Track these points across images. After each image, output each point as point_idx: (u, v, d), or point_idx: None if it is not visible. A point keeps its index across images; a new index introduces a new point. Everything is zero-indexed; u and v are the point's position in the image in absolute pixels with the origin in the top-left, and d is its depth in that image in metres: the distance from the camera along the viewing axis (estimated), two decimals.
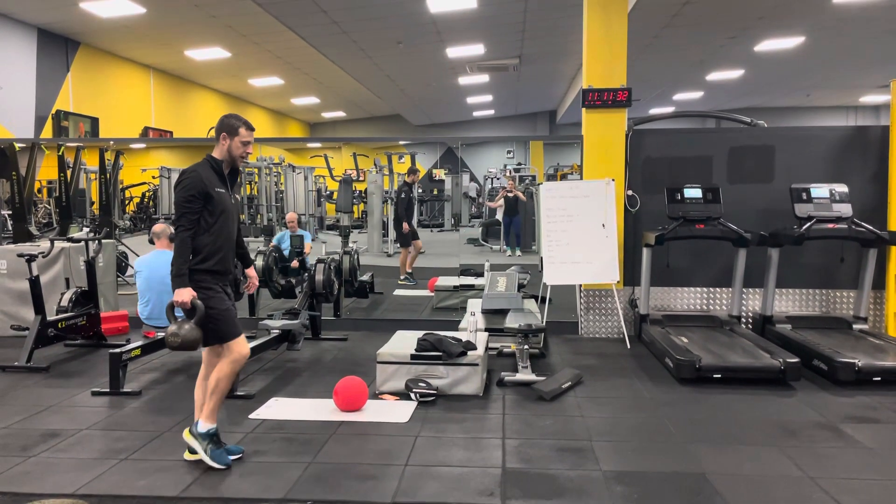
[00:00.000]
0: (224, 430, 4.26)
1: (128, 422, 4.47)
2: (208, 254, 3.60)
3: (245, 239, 15.55)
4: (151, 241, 5.84)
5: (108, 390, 5.00)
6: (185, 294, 3.49)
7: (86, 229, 9.29)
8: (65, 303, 6.27)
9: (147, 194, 17.71)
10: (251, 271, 4.11)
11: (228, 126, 3.73)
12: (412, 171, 10.98)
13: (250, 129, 3.79)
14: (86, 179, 13.84)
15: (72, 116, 12.67)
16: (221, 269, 3.68)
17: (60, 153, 8.79)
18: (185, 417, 4.49)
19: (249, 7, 10.06)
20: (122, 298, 7.95)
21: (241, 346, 3.70)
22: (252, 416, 4.53)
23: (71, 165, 9.55)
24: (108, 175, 9.74)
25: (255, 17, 10.86)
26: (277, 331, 5.91)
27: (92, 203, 13.70)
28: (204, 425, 3.68)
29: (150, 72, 15.43)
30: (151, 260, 5.72)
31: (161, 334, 5.46)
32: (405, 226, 10.18)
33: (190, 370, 5.69)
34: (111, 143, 10.59)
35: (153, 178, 17.36)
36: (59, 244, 6.85)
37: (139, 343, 5.30)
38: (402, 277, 10.09)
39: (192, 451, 3.71)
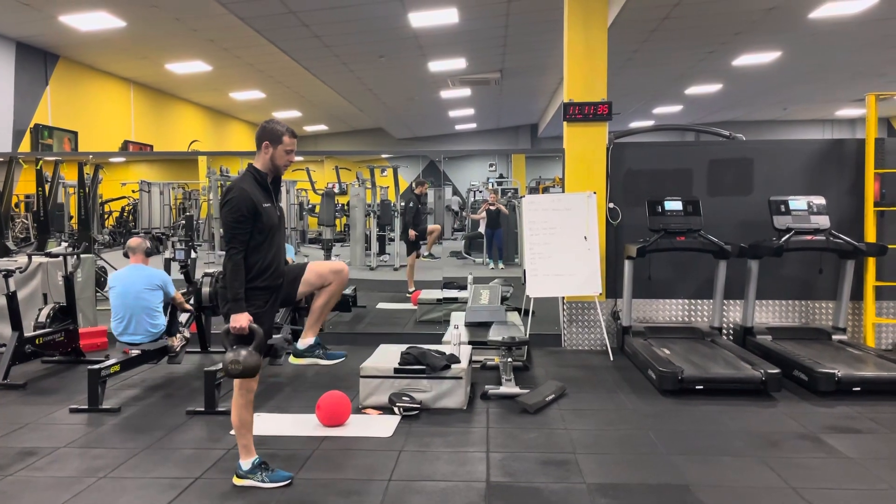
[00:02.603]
0: (204, 446, 4.22)
1: (107, 439, 4.40)
2: (259, 271, 3.49)
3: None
4: (126, 255, 5.70)
5: (86, 407, 4.93)
6: (243, 319, 3.38)
7: (64, 244, 9.19)
8: (42, 318, 6.17)
9: (127, 208, 17.57)
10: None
11: (272, 133, 3.54)
12: (420, 182, 11.11)
13: (293, 136, 3.60)
14: (64, 193, 13.69)
15: (56, 132, 12.55)
16: (273, 284, 3.59)
17: (39, 167, 8.69)
18: (165, 434, 4.43)
19: (231, 21, 10.04)
20: (101, 314, 7.83)
21: (255, 378, 3.58)
22: (233, 432, 4.47)
23: (49, 179, 9.46)
24: (87, 189, 9.63)
25: (236, 31, 10.84)
26: None
27: (70, 217, 13.55)
28: (247, 462, 3.60)
29: (131, 85, 15.33)
30: (126, 275, 5.50)
31: (136, 351, 5.35)
32: (411, 233, 10.38)
33: (169, 387, 5.62)
34: (90, 156, 10.49)
35: (133, 192, 17.24)
36: (36, 259, 6.76)
37: (118, 359, 5.22)
38: (426, 254, 10.13)
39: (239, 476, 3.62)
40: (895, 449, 4.14)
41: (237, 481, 3.60)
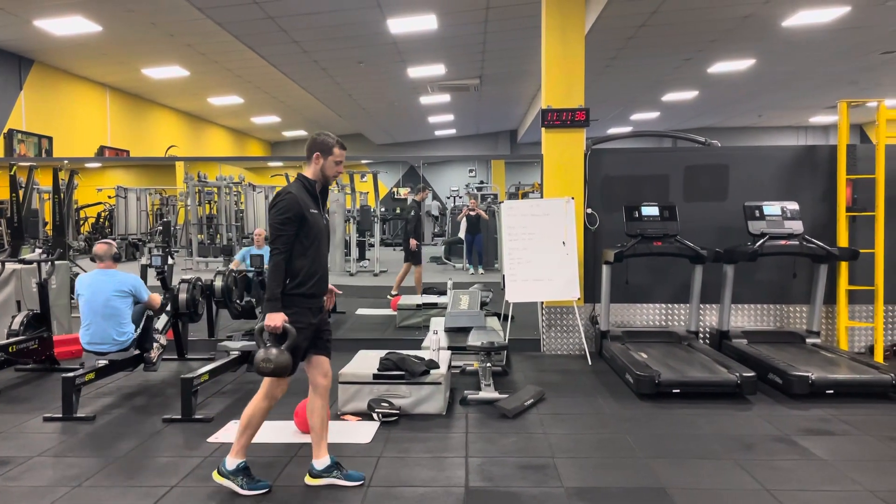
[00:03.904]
0: (181, 454, 4.18)
1: (81, 448, 4.34)
2: (305, 277, 3.51)
3: (204, 258, 15.24)
4: (94, 261, 5.58)
5: (60, 416, 4.86)
6: (278, 318, 3.40)
7: (38, 250, 9.06)
8: (16, 326, 6.08)
9: (103, 214, 17.39)
10: (331, 286, 3.93)
11: (322, 145, 3.63)
12: (420, 189, 11.05)
13: (343, 147, 3.69)
14: (39, 199, 13.53)
15: (31, 137, 12.40)
16: (317, 292, 3.60)
17: (13, 172, 8.58)
18: (140, 442, 4.39)
19: (209, 26, 10.00)
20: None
21: (284, 387, 3.63)
22: (210, 439, 4.44)
23: (23, 185, 9.33)
24: (62, 195, 9.53)
25: (214, 37, 10.79)
26: (237, 352, 5.82)
27: (45, 224, 13.39)
28: (233, 461, 3.59)
29: (107, 90, 15.19)
30: (93, 281, 5.34)
31: (102, 362, 5.24)
32: (413, 242, 10.19)
33: (145, 394, 5.57)
34: (66, 162, 10.37)
35: (109, 197, 17.07)
36: (10, 266, 6.67)
37: (93, 367, 5.16)
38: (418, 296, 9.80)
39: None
40: (868, 451, 4.21)
41: (217, 477, 3.60)
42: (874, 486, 3.62)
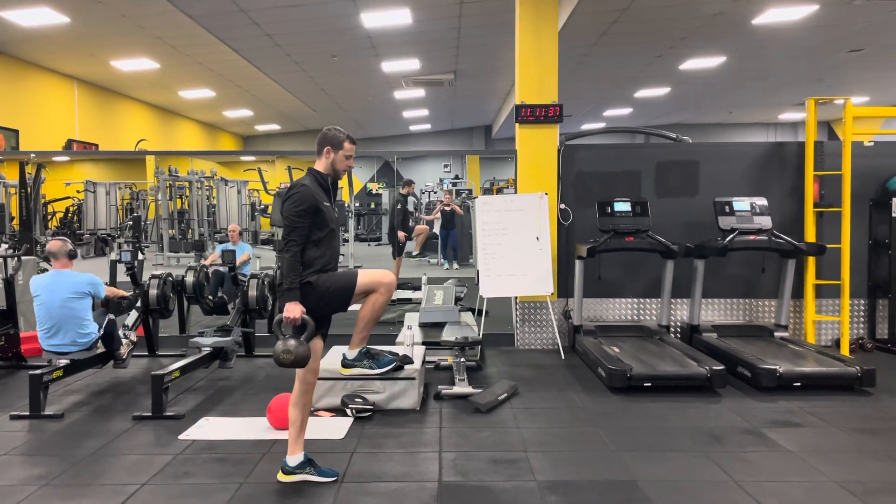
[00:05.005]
0: (152, 452, 4.14)
1: (49, 446, 4.28)
2: (322, 267, 3.54)
3: (175, 254, 15.06)
4: (47, 260, 5.37)
5: (27, 413, 4.78)
6: (296, 310, 3.41)
7: (4, 245, 8.87)
8: None
9: (71, 209, 17.09)
10: None
11: (333, 139, 3.66)
12: (407, 182, 11.11)
13: (353, 142, 3.73)
14: (5, 193, 13.26)
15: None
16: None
17: None
18: (110, 440, 4.33)
19: (179, 19, 9.86)
20: None
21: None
22: (182, 436, 4.40)
23: None
24: (28, 189, 9.34)
25: (185, 29, 10.64)
26: (209, 348, 5.75)
27: (12, 218, 13.12)
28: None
29: (75, 82, 14.91)
30: (50, 283, 5.13)
31: (64, 361, 5.09)
32: (401, 235, 10.33)
33: (115, 392, 5.50)
34: (32, 155, 10.17)
35: (78, 192, 16.78)
36: None
37: (61, 364, 5.07)
38: (415, 253, 10.01)
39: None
40: (833, 442, 4.30)
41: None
42: (839, 477, 3.70)
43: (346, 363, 3.81)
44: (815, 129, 6.84)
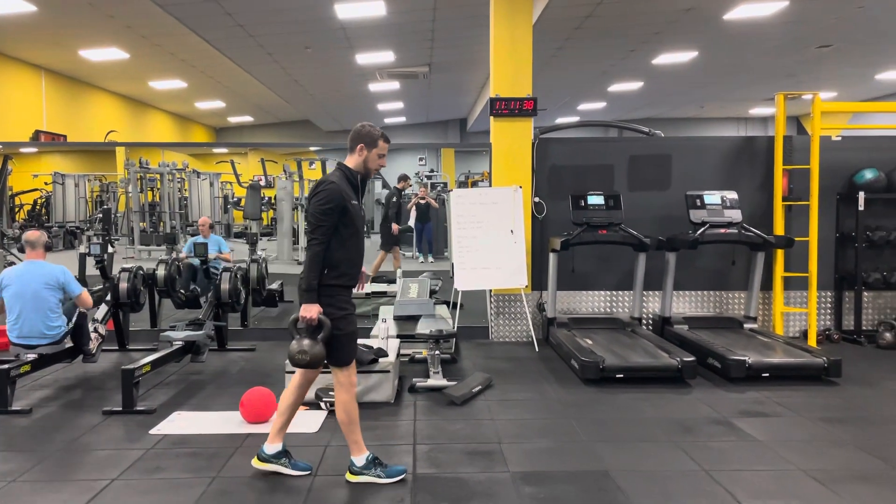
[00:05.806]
0: (122, 447, 4.09)
1: (17, 442, 4.21)
2: (346, 268, 3.44)
3: (146, 247, 14.86)
4: (23, 250, 5.30)
5: None
6: (313, 310, 3.33)
7: None
8: None
9: (39, 201, 16.79)
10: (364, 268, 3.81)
11: (368, 136, 3.56)
12: (403, 177, 11.14)
13: (387, 141, 3.64)
14: None
15: None
16: (354, 284, 3.54)
17: None
18: (80, 435, 4.27)
19: (149, 8, 9.70)
20: None
21: (353, 372, 3.55)
22: (153, 431, 4.35)
23: None
24: None
25: (155, 19, 10.47)
26: (181, 342, 5.68)
27: None
28: (359, 458, 3.54)
29: (42, 72, 14.61)
30: (23, 272, 5.09)
31: (31, 356, 5.00)
32: (394, 227, 10.47)
33: (84, 386, 5.42)
34: None
35: (46, 184, 16.49)
36: None
37: (29, 358, 4.99)
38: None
39: (355, 473, 3.55)
40: (800, 431, 4.38)
41: (351, 478, 3.54)
42: (806, 466, 3.77)
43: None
44: (785, 123, 6.94)
